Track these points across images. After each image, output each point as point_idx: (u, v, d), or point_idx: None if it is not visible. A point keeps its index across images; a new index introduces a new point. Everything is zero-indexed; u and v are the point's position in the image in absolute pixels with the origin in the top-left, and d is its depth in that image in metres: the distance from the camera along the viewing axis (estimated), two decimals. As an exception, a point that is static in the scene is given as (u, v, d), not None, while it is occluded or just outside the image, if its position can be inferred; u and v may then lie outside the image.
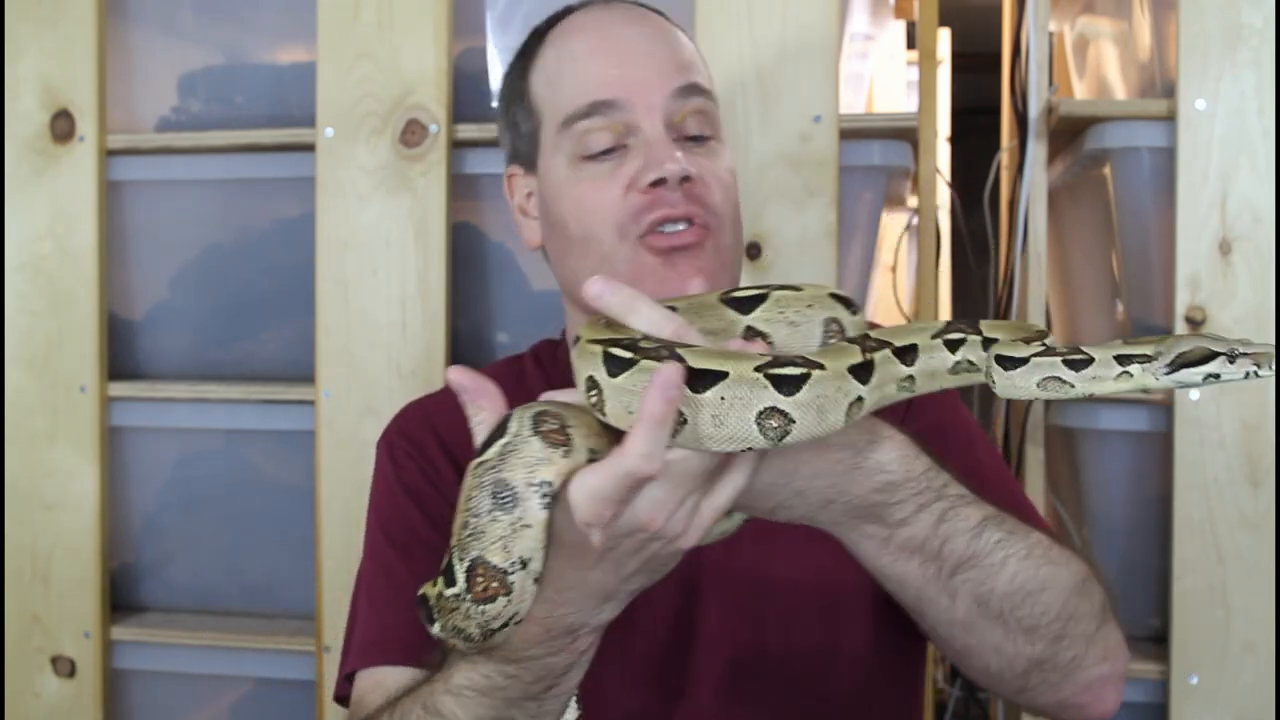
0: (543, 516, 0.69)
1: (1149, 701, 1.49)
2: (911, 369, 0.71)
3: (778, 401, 0.64)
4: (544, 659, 0.75)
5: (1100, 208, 1.61)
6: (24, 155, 1.69)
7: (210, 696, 1.74)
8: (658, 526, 0.67)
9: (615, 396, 0.65)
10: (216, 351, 1.74)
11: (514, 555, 0.70)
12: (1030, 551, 0.82)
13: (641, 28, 1.03)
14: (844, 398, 0.66)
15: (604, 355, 0.65)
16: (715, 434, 0.64)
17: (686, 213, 0.97)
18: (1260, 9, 1.42)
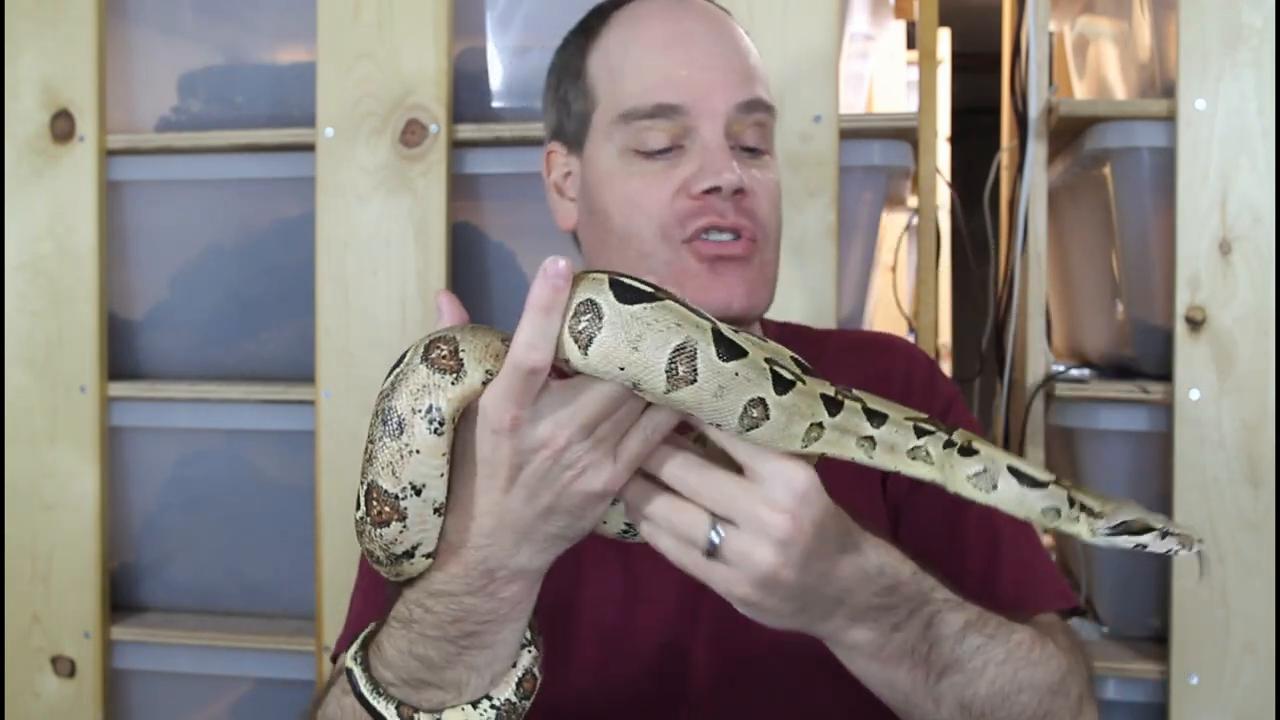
0: (432, 442, 0.70)
1: (1149, 701, 1.49)
2: (875, 431, 0.72)
3: (769, 395, 0.66)
4: (461, 597, 0.73)
5: (1100, 208, 1.61)
6: (24, 155, 1.69)
7: (210, 696, 1.74)
8: (559, 445, 0.67)
9: (619, 326, 0.65)
10: (216, 351, 1.75)
11: (403, 481, 0.70)
12: (1009, 655, 0.83)
13: (712, 28, 1.01)
14: (809, 417, 0.68)
15: (611, 283, 0.65)
16: (715, 404, 0.66)
17: (735, 224, 0.97)
18: (1260, 9, 1.42)
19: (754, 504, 0.70)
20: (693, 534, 0.71)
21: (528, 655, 0.76)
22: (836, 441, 0.71)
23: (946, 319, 2.56)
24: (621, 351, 0.64)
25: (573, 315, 0.65)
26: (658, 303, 0.64)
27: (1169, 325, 1.46)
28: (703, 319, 0.65)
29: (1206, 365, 1.44)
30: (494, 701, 0.75)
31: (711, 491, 0.71)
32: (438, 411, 0.69)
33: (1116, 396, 1.51)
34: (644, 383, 0.65)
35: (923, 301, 1.64)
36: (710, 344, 0.64)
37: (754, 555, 0.70)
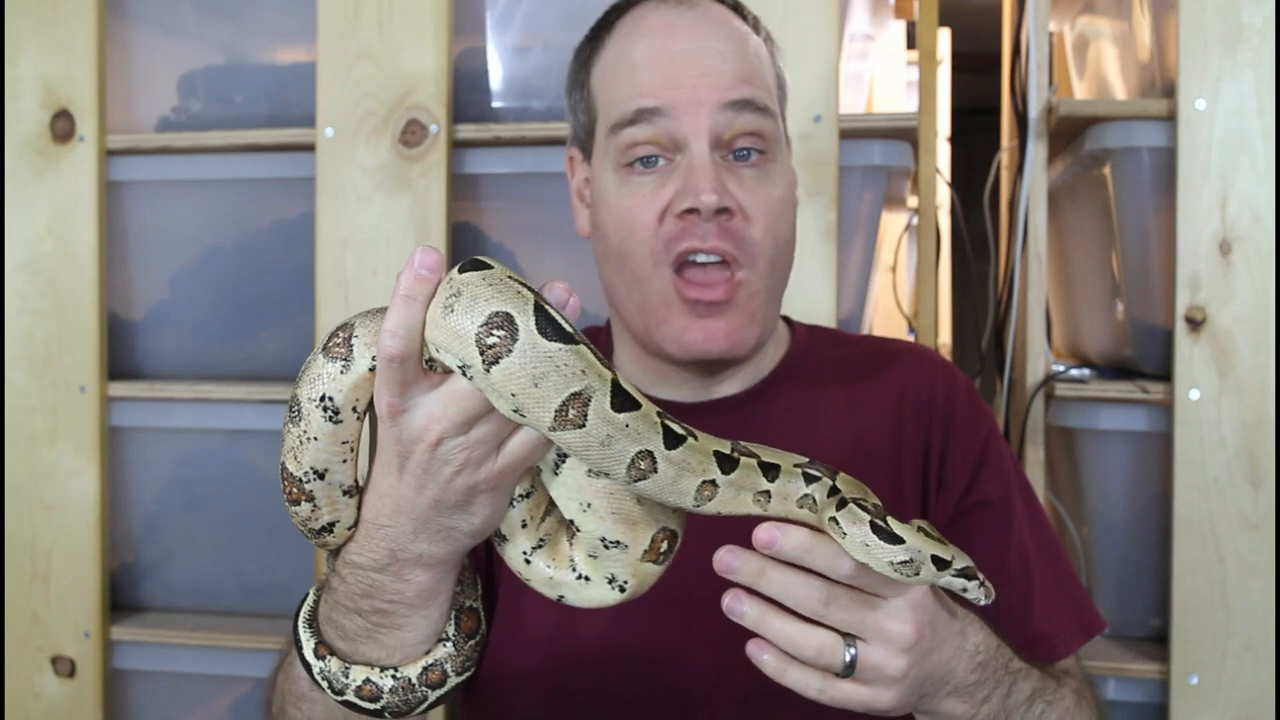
0: (329, 429, 0.71)
1: (1149, 701, 1.49)
2: (770, 486, 0.72)
3: (658, 449, 0.65)
4: (369, 572, 0.73)
5: (1100, 208, 1.61)
6: (24, 155, 1.69)
7: (210, 696, 1.74)
8: (432, 440, 0.66)
9: (528, 363, 0.62)
10: (216, 351, 1.75)
11: (305, 465, 0.72)
12: (1072, 711, 0.89)
13: (707, 31, 0.99)
14: (701, 474, 0.68)
15: (536, 308, 0.63)
16: (602, 452, 0.64)
17: (715, 248, 0.95)
18: (1260, 9, 1.42)
19: (880, 619, 0.72)
20: (828, 657, 0.72)
21: (442, 648, 0.76)
22: (732, 500, 0.70)
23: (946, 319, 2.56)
24: (521, 382, 0.62)
25: (484, 324, 0.62)
26: (572, 346, 0.62)
27: (1169, 325, 1.46)
28: (606, 369, 0.63)
29: (1206, 365, 1.44)
30: (396, 673, 0.75)
31: (839, 612, 0.71)
32: (330, 400, 0.70)
33: (1116, 396, 1.51)
34: (530, 414, 0.63)
35: (923, 301, 1.64)
36: (607, 395, 0.63)
37: (888, 668, 0.72)
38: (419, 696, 0.75)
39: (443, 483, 0.68)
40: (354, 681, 0.75)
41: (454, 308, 0.62)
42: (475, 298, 0.62)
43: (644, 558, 0.71)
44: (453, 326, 0.62)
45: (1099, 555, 1.58)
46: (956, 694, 0.78)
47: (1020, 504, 1.04)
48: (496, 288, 0.63)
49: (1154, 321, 1.53)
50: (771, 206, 0.98)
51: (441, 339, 0.63)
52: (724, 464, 0.69)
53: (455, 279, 0.63)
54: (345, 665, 0.76)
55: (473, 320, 0.62)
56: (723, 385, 1.05)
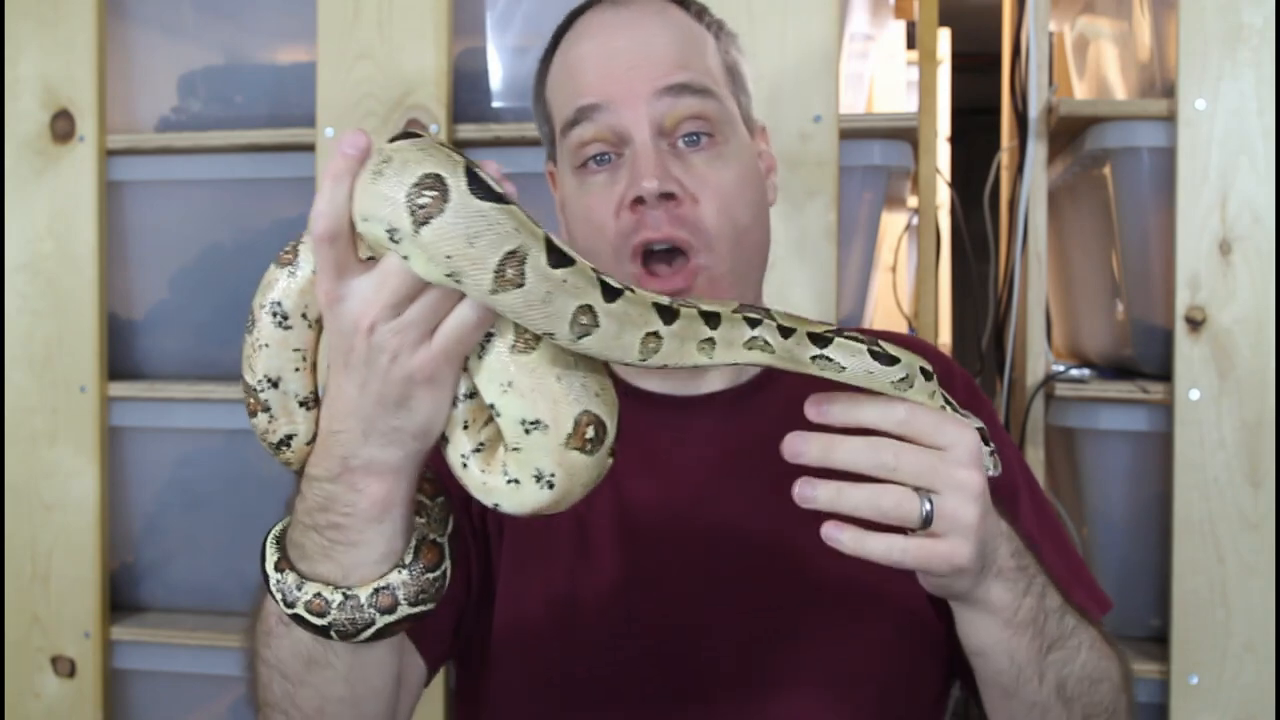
0: (279, 335, 0.72)
1: (1149, 701, 1.49)
2: (713, 332, 0.72)
3: (597, 302, 0.65)
4: (324, 483, 0.73)
5: (1100, 208, 1.61)
6: (24, 155, 1.69)
7: (210, 696, 1.74)
8: (366, 326, 0.66)
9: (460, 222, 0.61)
10: (216, 351, 1.74)
11: (258, 373, 0.73)
12: (1094, 642, 0.88)
13: (640, 29, 0.99)
14: (643, 325, 0.67)
15: (467, 170, 0.62)
16: (544, 310, 0.64)
17: (667, 235, 0.95)
18: (1260, 9, 1.42)
19: (949, 468, 0.73)
20: (905, 510, 0.72)
21: (397, 574, 0.74)
22: (677, 351, 0.70)
23: (946, 319, 2.56)
24: (456, 242, 0.61)
25: (415, 185, 0.61)
26: (504, 205, 0.62)
27: (1169, 325, 1.46)
28: (538, 229, 0.63)
29: (1206, 365, 1.44)
30: (347, 591, 0.74)
31: (910, 465, 0.72)
32: (278, 305, 0.71)
33: (1116, 396, 1.51)
34: (468, 278, 0.62)
35: (923, 301, 1.64)
36: (542, 251, 0.62)
37: (963, 515, 0.73)
38: (366, 618, 0.73)
39: (381, 374, 0.67)
40: (305, 595, 0.75)
41: (383, 172, 0.62)
42: (406, 161, 0.62)
43: (568, 443, 0.68)
44: (382, 191, 0.62)
45: (1099, 555, 1.58)
46: (1001, 578, 0.79)
47: (1023, 491, 1.04)
48: (427, 152, 0.62)
49: (1154, 321, 1.53)
50: (724, 188, 0.97)
51: (371, 206, 0.63)
52: (665, 314, 0.68)
53: (385, 148, 0.63)
54: (301, 580, 0.75)
55: (403, 182, 0.61)
56: (712, 378, 1.05)
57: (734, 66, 1.04)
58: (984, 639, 0.82)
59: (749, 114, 1.05)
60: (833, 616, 0.97)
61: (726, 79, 1.02)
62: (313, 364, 0.74)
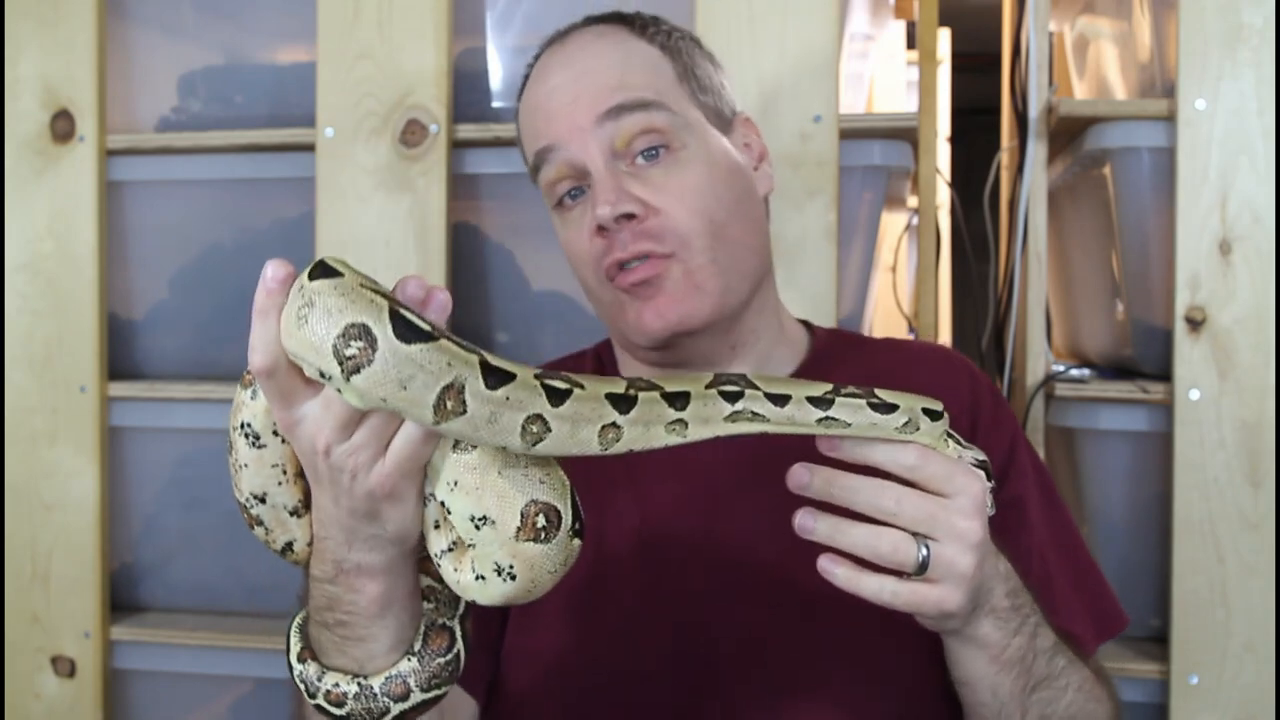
0: (254, 455, 0.74)
1: (1149, 701, 1.49)
2: (681, 414, 0.71)
3: (544, 410, 0.65)
4: (324, 584, 0.75)
5: (1100, 208, 1.61)
6: (24, 155, 1.69)
7: (210, 696, 1.74)
8: (321, 448, 0.67)
9: (393, 366, 0.61)
10: (216, 351, 1.75)
11: (245, 492, 0.76)
12: (1082, 685, 0.89)
13: (575, 61, 1.01)
14: (599, 420, 0.67)
15: (391, 314, 0.61)
16: (491, 430, 0.64)
17: (635, 252, 0.97)
18: (1260, 9, 1.42)
19: (949, 515, 0.73)
20: (902, 556, 0.73)
21: (406, 662, 0.76)
22: (642, 436, 0.70)
23: (946, 319, 2.56)
24: (390, 387, 0.61)
25: (341, 335, 0.61)
26: (433, 343, 0.61)
27: (1169, 325, 1.46)
28: (471, 354, 0.62)
29: (1206, 365, 1.44)
30: (361, 680, 0.76)
31: (911, 510, 0.73)
32: (248, 426, 0.73)
33: (1116, 396, 1.51)
34: (409, 414, 0.63)
35: (923, 301, 1.64)
36: (478, 377, 0.62)
37: (959, 564, 0.74)
38: (380, 706, 0.75)
39: (346, 490, 0.69)
40: (325, 685, 0.77)
41: (307, 319, 0.62)
42: (328, 309, 0.61)
43: (519, 535, 0.68)
44: (308, 339, 0.62)
45: (1099, 555, 1.58)
46: (993, 616, 0.80)
47: (1042, 503, 1.05)
48: (349, 297, 0.61)
49: (1154, 321, 1.53)
50: (687, 191, 0.98)
51: (299, 350, 0.63)
52: (621, 404, 0.68)
53: (306, 287, 0.63)
54: (322, 669, 0.77)
55: (328, 332, 0.61)
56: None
57: (689, 70, 1.04)
58: (970, 671, 0.83)
59: (717, 111, 1.05)
60: (854, 621, 0.97)
61: (678, 85, 1.02)
62: (296, 473, 0.76)
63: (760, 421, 0.73)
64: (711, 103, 1.04)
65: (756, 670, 0.96)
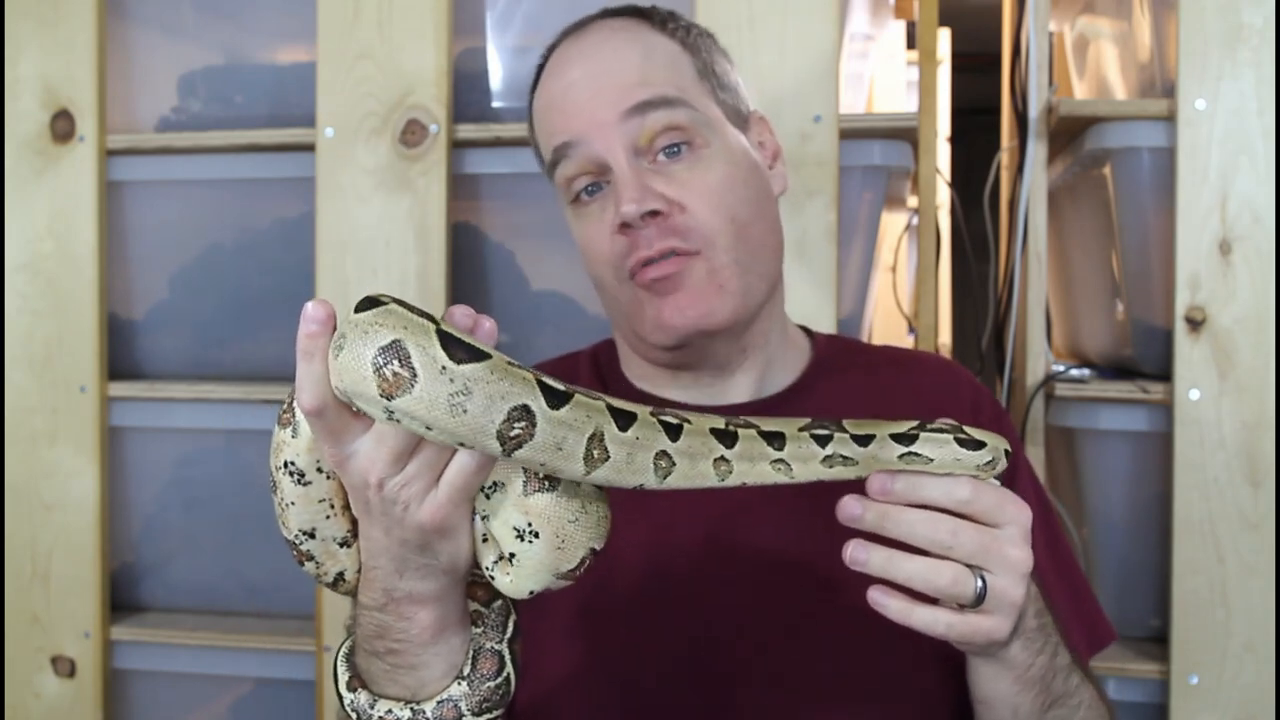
0: (300, 492, 0.74)
1: (1149, 701, 1.49)
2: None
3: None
4: (374, 612, 0.75)
5: (1100, 208, 1.61)
6: (24, 155, 1.69)
7: (210, 696, 1.74)
8: (375, 481, 0.67)
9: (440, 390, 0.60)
10: (216, 351, 1.75)
11: (293, 529, 0.76)
12: (1093, 703, 0.89)
13: (596, 55, 1.00)
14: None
15: (439, 335, 0.60)
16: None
17: (661, 249, 0.96)
18: (1260, 9, 1.42)
19: (1002, 546, 0.73)
20: (960, 589, 0.73)
21: (457, 686, 0.77)
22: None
23: (946, 319, 2.56)
24: (438, 412, 0.60)
25: (381, 364, 0.59)
26: (486, 362, 0.60)
27: (1169, 325, 1.46)
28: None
29: (1206, 365, 1.44)
30: (414, 706, 0.77)
31: (967, 544, 0.72)
32: (292, 465, 0.73)
33: (1116, 396, 1.51)
34: (478, 445, 0.61)
35: (923, 301, 1.64)
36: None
37: (1011, 594, 0.74)
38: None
39: (399, 522, 0.69)
40: (378, 713, 0.77)
41: (342, 346, 0.61)
42: (366, 332, 0.60)
43: (565, 575, 0.71)
44: (350, 367, 0.60)
45: (1099, 555, 1.58)
46: (1024, 637, 0.80)
47: (1041, 523, 1.04)
48: (393, 319, 0.60)
49: (1154, 321, 1.53)
50: (711, 190, 0.97)
51: (347, 384, 0.61)
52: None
53: (349, 319, 0.62)
54: (373, 698, 0.78)
55: (367, 365, 0.60)
56: (736, 385, 1.04)
57: (709, 67, 1.03)
58: (993, 690, 0.83)
59: (735, 109, 1.04)
60: (867, 632, 0.97)
61: (699, 81, 1.01)
62: (343, 505, 0.76)
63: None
64: (730, 100, 1.04)
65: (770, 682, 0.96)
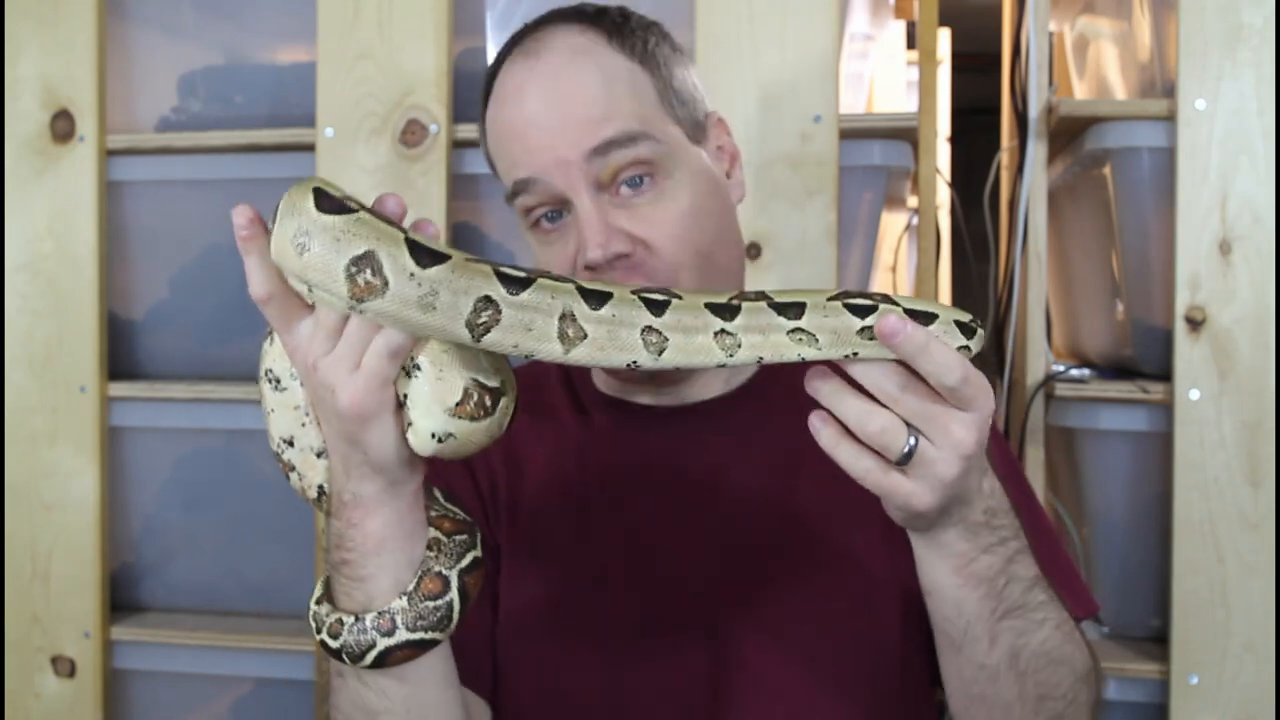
0: (278, 398, 0.80)
1: (1149, 701, 1.49)
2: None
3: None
4: (332, 522, 0.79)
5: (1100, 208, 1.61)
6: (24, 155, 1.69)
7: (210, 696, 1.74)
8: (310, 363, 0.71)
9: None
10: (216, 351, 1.74)
11: (275, 438, 0.82)
12: (1061, 624, 0.87)
13: (555, 86, 0.96)
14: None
15: (408, 244, 0.66)
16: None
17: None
18: (1260, 9, 1.42)
19: (949, 419, 0.72)
20: (888, 440, 0.72)
21: (398, 600, 0.79)
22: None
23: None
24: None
25: (354, 262, 0.65)
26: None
27: (1169, 325, 1.46)
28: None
29: (1206, 365, 1.44)
30: (357, 615, 0.80)
31: (912, 402, 0.72)
32: (269, 372, 0.80)
33: (1116, 396, 1.51)
34: (450, 335, 0.68)
35: (923, 301, 1.63)
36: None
37: (940, 468, 0.73)
38: (369, 640, 0.79)
39: (330, 411, 0.73)
40: (329, 620, 0.81)
41: (307, 246, 0.67)
42: (338, 239, 0.66)
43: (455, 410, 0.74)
44: (319, 268, 0.66)
45: (1099, 555, 1.58)
46: (962, 527, 0.79)
47: (1012, 489, 1.04)
48: (365, 229, 0.66)
49: (1154, 321, 1.53)
50: (674, 222, 0.96)
51: (314, 279, 0.67)
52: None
53: (316, 219, 0.67)
54: (332, 609, 0.82)
55: (339, 261, 0.66)
56: (706, 385, 1.04)
57: (667, 83, 1.00)
58: (932, 579, 0.82)
59: (694, 121, 1.02)
60: (847, 635, 0.97)
61: (660, 106, 0.99)
62: (315, 416, 0.80)
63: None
64: (688, 114, 1.01)
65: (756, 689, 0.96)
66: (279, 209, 0.68)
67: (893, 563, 0.94)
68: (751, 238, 1.48)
